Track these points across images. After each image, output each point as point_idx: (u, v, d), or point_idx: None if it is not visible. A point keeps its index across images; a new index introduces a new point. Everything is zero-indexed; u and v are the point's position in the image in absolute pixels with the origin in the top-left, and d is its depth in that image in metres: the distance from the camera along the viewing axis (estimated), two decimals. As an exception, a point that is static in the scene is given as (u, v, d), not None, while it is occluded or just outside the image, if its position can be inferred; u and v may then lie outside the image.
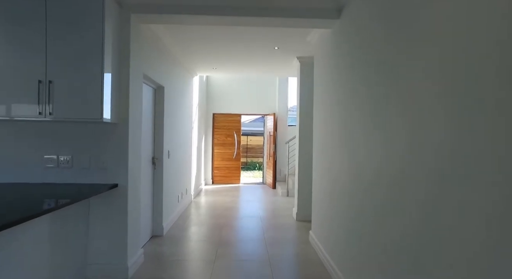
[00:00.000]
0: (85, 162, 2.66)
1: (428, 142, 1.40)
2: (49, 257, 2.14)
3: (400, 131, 1.66)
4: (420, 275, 1.45)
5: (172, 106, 4.30)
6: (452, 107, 1.24)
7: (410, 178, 1.54)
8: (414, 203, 1.50)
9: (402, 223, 1.62)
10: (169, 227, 4.06)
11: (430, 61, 1.40)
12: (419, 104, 1.48)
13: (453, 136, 1.23)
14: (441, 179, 1.29)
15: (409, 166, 1.55)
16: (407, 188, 1.57)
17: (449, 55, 1.27)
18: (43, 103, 2.34)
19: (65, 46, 2.36)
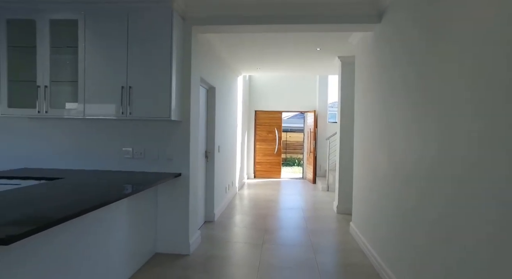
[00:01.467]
0: (155, 154, 3.14)
1: (459, 135, 1.59)
2: (129, 232, 2.63)
3: (436, 126, 1.85)
4: (460, 262, 1.65)
5: (221, 104, 4.73)
6: (480, 105, 1.43)
7: (445, 168, 1.73)
8: (450, 191, 1.69)
9: (439, 211, 1.81)
10: (219, 215, 4.50)
11: (463, 62, 1.59)
12: (452, 101, 1.67)
13: (481, 129, 1.42)
14: (473, 167, 1.49)
15: (444, 157, 1.74)
16: (443, 178, 1.76)
17: (481, 58, 1.46)
18: (125, 105, 2.84)
19: (141, 57, 2.83)
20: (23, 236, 1.20)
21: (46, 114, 2.94)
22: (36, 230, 1.28)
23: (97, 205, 1.78)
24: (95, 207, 1.75)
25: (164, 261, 2.94)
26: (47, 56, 2.93)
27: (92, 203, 1.77)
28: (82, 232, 2.00)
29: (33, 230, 1.27)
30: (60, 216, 1.45)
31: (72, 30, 2.93)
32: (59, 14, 2.92)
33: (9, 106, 2.99)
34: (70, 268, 1.89)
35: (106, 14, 2.86)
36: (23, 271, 1.51)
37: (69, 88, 3.06)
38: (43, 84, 2.94)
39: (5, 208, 1.61)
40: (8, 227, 1.28)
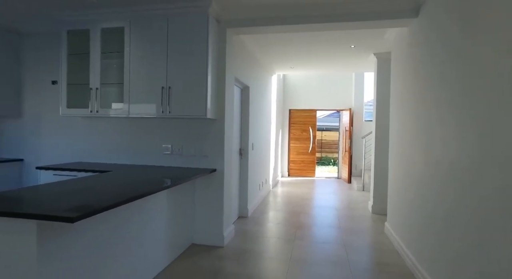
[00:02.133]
0: (192, 150, 3.34)
1: (501, 134, 1.54)
2: (168, 223, 2.84)
3: (476, 125, 1.78)
4: (497, 265, 1.60)
5: (255, 103, 4.85)
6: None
7: (484, 169, 1.67)
8: (490, 190, 1.62)
9: (478, 213, 1.75)
10: (252, 210, 4.63)
11: (509, 58, 1.53)
12: (494, 99, 1.61)
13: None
14: (507, 166, 1.44)
15: (485, 158, 1.68)
16: (482, 179, 1.70)
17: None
18: (165, 104, 3.06)
19: (179, 59, 3.03)
20: (82, 217, 1.40)
21: (97, 114, 3.26)
22: (93, 213, 1.48)
23: (141, 194, 1.97)
24: (139, 196, 1.94)
25: (200, 251, 3.12)
26: (98, 61, 3.25)
27: (137, 192, 1.96)
28: (127, 219, 2.21)
29: (90, 212, 1.46)
30: (111, 203, 1.64)
31: (119, 37, 3.22)
32: (108, 23, 3.22)
33: (68, 107, 3.37)
34: (117, 249, 2.11)
35: (149, 20, 3.10)
36: (82, 242, 1.74)
37: (116, 90, 3.36)
38: (94, 87, 3.26)
39: (68, 194, 1.85)
40: (71, 210, 1.49)
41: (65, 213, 1.39)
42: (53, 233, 1.55)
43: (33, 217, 1.39)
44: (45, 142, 3.87)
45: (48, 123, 3.86)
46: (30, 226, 1.44)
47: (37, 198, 1.74)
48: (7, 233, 1.48)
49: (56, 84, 3.82)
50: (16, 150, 3.98)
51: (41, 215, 1.38)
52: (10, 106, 3.85)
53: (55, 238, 1.57)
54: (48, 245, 1.52)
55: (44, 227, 1.48)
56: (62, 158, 3.78)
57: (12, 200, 1.68)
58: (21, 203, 1.61)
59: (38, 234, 1.45)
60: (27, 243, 1.45)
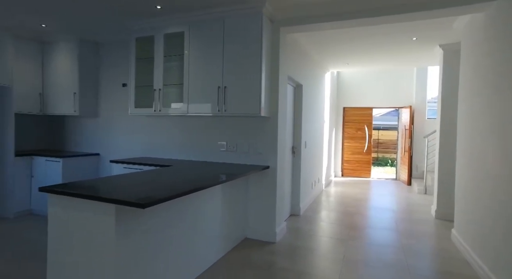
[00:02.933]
0: (246, 148, 3.45)
1: None
2: (223, 216, 2.97)
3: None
4: None
5: (308, 101, 4.81)
6: None
7: None
8: None
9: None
10: (304, 209, 4.60)
11: None
12: None
13: None
14: None
15: None
16: None
17: None
18: (221, 103, 3.21)
19: (235, 59, 3.15)
20: (152, 204, 1.57)
21: (159, 113, 3.55)
22: (160, 201, 1.65)
23: (200, 187, 2.10)
24: (198, 189, 2.08)
25: (252, 245, 3.21)
26: (161, 64, 3.53)
27: (195, 185, 2.10)
28: (186, 210, 2.38)
29: (158, 200, 1.62)
30: (174, 193, 1.79)
31: (179, 41, 3.45)
32: (170, 29, 3.47)
33: (135, 106, 3.71)
34: (177, 236, 2.29)
35: (206, 23, 3.27)
36: (148, 225, 1.94)
37: (176, 90, 3.61)
38: (158, 88, 3.55)
39: (137, 184, 2.07)
40: (142, 198, 1.66)
41: (138, 200, 1.56)
42: (127, 216, 1.77)
43: (113, 201, 1.60)
44: (116, 138, 4.32)
45: (119, 122, 4.30)
46: (110, 208, 1.69)
47: (114, 186, 1.97)
48: (93, 213, 1.75)
49: (126, 86, 4.23)
50: (94, 145, 4.51)
51: (119, 200, 1.58)
52: (90, 107, 4.37)
53: (129, 219, 1.78)
54: (123, 224, 1.75)
55: (121, 210, 1.71)
56: (130, 152, 4.19)
57: (96, 187, 1.93)
58: (103, 190, 1.84)
59: (116, 215, 1.69)
60: (108, 221, 1.70)
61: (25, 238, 3.30)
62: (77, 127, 4.65)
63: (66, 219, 1.84)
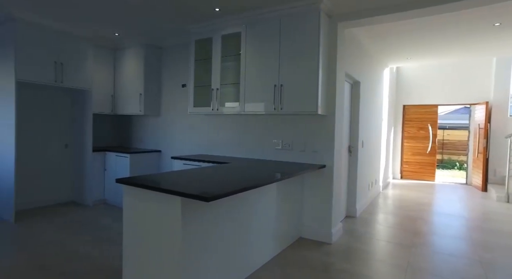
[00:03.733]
0: (301, 146, 3.41)
1: None
2: (277, 214, 2.97)
3: None
4: None
5: (366, 99, 4.59)
6: None
7: None
8: None
9: None
10: (361, 211, 4.41)
11: None
12: None
13: None
14: None
15: None
16: None
17: None
18: (277, 102, 3.22)
19: (291, 57, 3.13)
20: (215, 198, 1.64)
21: (217, 112, 3.68)
22: (223, 195, 1.71)
23: (258, 183, 2.13)
24: (257, 185, 2.10)
25: (307, 245, 3.17)
26: (218, 64, 3.66)
27: (254, 182, 2.14)
28: (243, 206, 2.44)
29: (221, 195, 1.69)
30: (235, 189, 1.84)
31: (236, 42, 3.55)
32: (227, 30, 3.58)
33: (194, 106, 3.91)
34: (234, 231, 2.35)
35: (262, 23, 3.31)
36: (209, 217, 2.03)
37: (233, 89, 3.71)
38: (215, 87, 3.68)
39: (198, 180, 2.17)
40: (205, 192, 1.74)
41: (203, 193, 1.64)
42: (191, 208, 1.88)
43: (179, 194, 1.71)
44: (176, 136, 4.59)
45: (178, 121, 4.56)
46: (176, 200, 1.81)
47: (178, 180, 2.09)
48: (162, 203, 1.89)
49: (185, 87, 4.48)
50: (156, 142, 4.85)
51: (185, 193, 1.67)
52: (153, 107, 4.71)
53: (192, 211, 1.88)
54: (188, 215, 1.86)
55: (186, 202, 1.82)
56: (188, 150, 4.42)
57: (163, 180, 2.07)
58: (170, 183, 1.97)
59: (182, 206, 1.80)
60: (175, 212, 1.83)
61: (101, 224, 3.68)
62: (142, 126, 5.04)
63: (139, 208, 2.01)
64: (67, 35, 4.07)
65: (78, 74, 4.23)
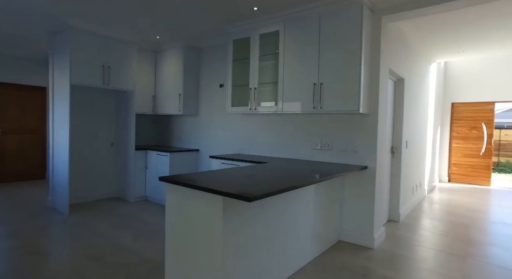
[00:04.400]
0: (341, 146, 3.29)
1: None
2: (316, 216, 2.89)
3: None
4: None
5: (410, 97, 4.33)
6: None
7: None
8: None
9: None
10: (404, 215, 4.16)
11: None
12: None
13: None
14: None
15: None
16: None
17: None
18: (316, 101, 3.13)
19: (331, 54, 3.03)
20: (257, 198, 1.63)
21: (254, 111, 3.67)
22: (264, 196, 1.68)
23: (299, 184, 2.07)
24: (298, 186, 2.04)
25: (347, 249, 3.04)
26: (256, 64, 3.65)
27: (294, 183, 2.08)
28: (281, 207, 2.39)
29: (262, 195, 1.66)
30: (276, 189, 1.81)
31: (274, 40, 3.51)
32: (265, 29, 3.56)
33: (232, 105, 3.94)
34: (273, 232, 2.31)
35: (301, 20, 3.23)
36: (248, 217, 2.01)
37: (271, 89, 3.68)
38: (253, 87, 3.68)
39: (238, 180, 2.17)
40: (247, 191, 1.73)
41: (245, 193, 1.63)
42: (232, 207, 1.88)
43: (221, 193, 1.71)
44: (214, 135, 4.66)
45: (216, 120, 4.63)
46: (218, 199, 1.82)
47: (219, 179, 2.10)
48: (204, 202, 1.92)
49: (222, 87, 4.53)
50: (194, 141, 4.97)
51: (228, 193, 1.67)
52: (191, 107, 4.83)
53: (233, 211, 1.89)
54: (229, 214, 1.86)
55: (227, 202, 1.83)
56: (226, 149, 4.46)
57: (204, 179, 2.10)
58: (211, 182, 1.98)
59: (223, 205, 1.81)
60: (217, 211, 1.84)
61: (143, 219, 3.84)
62: (180, 125, 5.19)
63: (181, 205, 2.05)
64: (113, 40, 4.30)
65: (123, 77, 4.45)
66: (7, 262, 2.62)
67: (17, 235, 3.24)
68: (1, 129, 5.80)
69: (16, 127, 5.99)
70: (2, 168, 5.84)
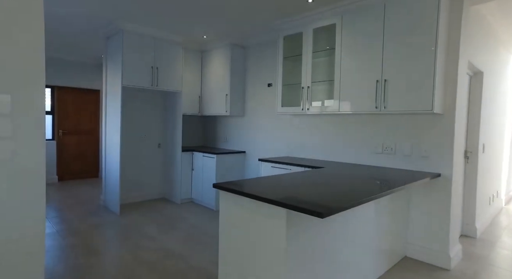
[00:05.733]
0: (407, 150, 2.90)
1: None
2: (377, 229, 2.54)
3: None
4: None
5: (488, 93, 3.75)
6: None
7: None
8: None
9: None
10: (481, 230, 3.61)
11: None
12: None
13: None
14: None
15: None
16: None
17: None
18: (379, 99, 2.78)
19: (398, 48, 2.66)
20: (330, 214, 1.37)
21: (307, 111, 3.40)
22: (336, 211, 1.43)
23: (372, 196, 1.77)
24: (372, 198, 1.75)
25: (417, 268, 2.66)
26: (309, 61, 3.38)
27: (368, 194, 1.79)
28: (345, 220, 2.11)
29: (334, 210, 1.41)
30: (348, 204, 1.54)
31: (330, 35, 3.22)
32: (320, 22, 3.27)
33: (282, 105, 3.71)
34: (335, 247, 2.04)
35: (362, 11, 2.90)
36: (312, 232, 1.76)
37: (325, 87, 3.39)
38: (306, 85, 3.41)
39: (298, 188, 1.93)
40: (319, 205, 1.48)
41: (316, 208, 1.38)
42: (296, 220, 1.65)
43: (286, 206, 1.49)
44: (261, 137, 4.46)
45: (263, 121, 4.43)
46: (281, 212, 1.61)
47: (275, 187, 1.88)
48: (263, 214, 1.71)
49: (271, 86, 4.32)
50: (240, 143, 4.82)
51: (295, 206, 1.44)
52: (238, 107, 4.69)
53: (297, 224, 1.65)
54: (293, 228, 1.65)
55: (291, 215, 1.61)
56: (273, 151, 4.24)
57: (259, 186, 1.89)
58: (269, 191, 1.77)
59: (287, 219, 1.59)
60: (279, 224, 1.63)
61: (190, 223, 3.76)
62: (226, 126, 5.08)
63: (236, 215, 1.87)
64: (161, 40, 4.30)
65: (170, 78, 4.44)
66: (64, 261, 2.65)
67: (74, 233, 3.32)
68: (62, 130, 6.17)
69: (74, 128, 6.34)
70: (63, 167, 6.21)
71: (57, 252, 2.85)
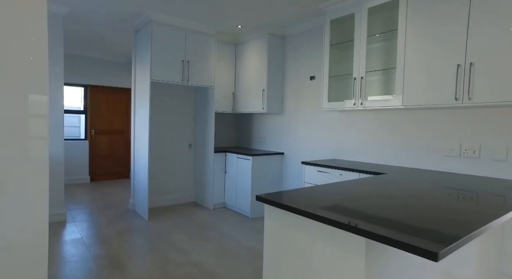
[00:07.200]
0: (498, 153, 2.29)
1: None
2: (476, 256, 1.96)
3: None
4: None
5: None
6: None
7: None
8: None
9: None
10: None
11: None
12: None
13: None
14: None
15: None
16: None
17: None
18: (461, 89, 2.20)
19: (491, 19, 2.07)
20: (447, 253, 0.86)
21: (361, 106, 2.88)
22: (454, 248, 0.91)
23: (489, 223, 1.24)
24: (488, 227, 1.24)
25: (516, 308, 2.05)
26: (364, 47, 2.85)
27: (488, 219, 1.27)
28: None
29: (453, 248, 0.90)
30: (465, 233, 1.03)
31: (390, 14, 2.68)
32: (377, 0, 2.74)
33: (329, 100, 3.21)
34: None
35: (438, -21, 2.34)
36: (399, 263, 1.26)
37: (383, 78, 2.85)
38: (359, 76, 2.89)
39: (371, 204, 1.44)
40: (429, 239, 0.99)
41: (428, 246, 0.88)
42: (379, 250, 1.14)
43: (368, 235, 1.01)
44: (302, 136, 3.98)
45: (304, 119, 3.94)
46: (359, 242, 1.10)
47: (341, 202, 1.41)
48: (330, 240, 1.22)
49: (314, 79, 3.82)
50: (278, 143, 4.36)
51: (385, 237, 0.95)
52: (276, 104, 4.23)
53: (380, 254, 1.15)
54: (373, 261, 1.13)
55: (372, 245, 1.10)
56: (316, 153, 3.74)
57: (316, 199, 1.43)
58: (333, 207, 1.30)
59: (366, 251, 1.09)
60: (354, 256, 1.12)
61: (223, 233, 3.36)
62: (262, 125, 4.65)
63: (287, 238, 1.41)
64: (192, 32, 3.96)
65: (202, 72, 4.09)
66: (88, 274, 2.34)
67: (99, 240, 3.05)
68: (94, 130, 6.08)
69: (106, 128, 6.23)
70: (95, 167, 6.12)
71: (80, 264, 2.56)
